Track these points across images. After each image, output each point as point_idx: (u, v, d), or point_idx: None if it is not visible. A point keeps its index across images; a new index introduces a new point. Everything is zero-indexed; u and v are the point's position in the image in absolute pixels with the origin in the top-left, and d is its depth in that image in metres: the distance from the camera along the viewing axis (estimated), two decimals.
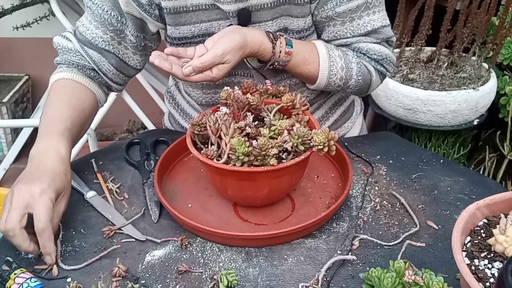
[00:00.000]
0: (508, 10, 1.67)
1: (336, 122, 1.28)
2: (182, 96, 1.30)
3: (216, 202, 1.00)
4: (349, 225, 0.95)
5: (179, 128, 1.32)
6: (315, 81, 1.10)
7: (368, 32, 1.09)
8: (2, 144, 2.56)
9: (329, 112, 1.26)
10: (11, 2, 2.38)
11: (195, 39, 1.09)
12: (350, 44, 1.11)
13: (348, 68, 1.09)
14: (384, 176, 1.07)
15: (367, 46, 1.10)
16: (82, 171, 1.11)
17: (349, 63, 1.09)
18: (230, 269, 0.86)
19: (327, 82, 1.10)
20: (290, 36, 1.08)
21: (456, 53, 1.81)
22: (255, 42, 1.00)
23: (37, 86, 2.75)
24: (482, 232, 0.76)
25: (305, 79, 1.12)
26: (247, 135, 0.93)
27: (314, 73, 1.08)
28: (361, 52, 1.11)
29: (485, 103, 1.71)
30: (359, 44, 1.10)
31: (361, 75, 1.10)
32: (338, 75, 1.08)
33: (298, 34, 1.09)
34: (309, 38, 1.12)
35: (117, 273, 0.83)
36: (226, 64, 0.97)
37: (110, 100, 2.13)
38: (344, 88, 1.12)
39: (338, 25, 1.08)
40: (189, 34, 1.09)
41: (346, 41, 1.10)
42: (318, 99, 1.22)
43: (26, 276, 0.82)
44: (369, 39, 1.10)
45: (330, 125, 1.26)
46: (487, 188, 1.03)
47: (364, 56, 1.11)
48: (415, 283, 0.71)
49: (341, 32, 1.09)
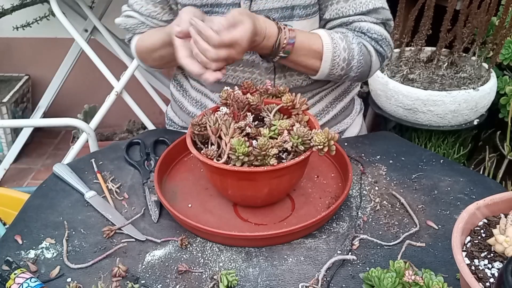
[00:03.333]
0: (508, 10, 1.67)
1: (335, 117, 1.28)
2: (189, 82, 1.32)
3: (216, 202, 1.00)
4: (349, 225, 0.95)
5: (183, 116, 1.32)
6: (318, 68, 1.10)
7: (369, 10, 1.11)
8: (2, 144, 2.56)
9: (329, 106, 1.26)
10: (11, 2, 2.38)
11: (204, 8, 1.12)
12: (352, 23, 1.13)
13: (349, 49, 1.10)
14: (384, 176, 1.07)
15: (367, 25, 1.13)
16: (82, 171, 1.11)
17: (350, 44, 1.11)
18: (230, 269, 0.86)
19: (331, 65, 1.10)
20: (297, 12, 1.10)
21: (456, 53, 1.81)
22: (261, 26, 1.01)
23: (37, 86, 2.75)
24: (482, 232, 0.76)
25: (309, 66, 1.12)
26: (247, 135, 0.93)
27: (318, 57, 1.09)
28: (361, 31, 1.13)
29: (485, 103, 1.71)
30: (360, 23, 1.13)
31: (362, 55, 1.12)
32: (341, 56, 1.10)
33: (305, 10, 1.11)
34: (314, 16, 1.13)
35: (117, 273, 0.83)
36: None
37: (110, 100, 2.14)
38: (347, 71, 1.12)
39: (342, 2, 1.11)
40: (198, 2, 1.12)
41: (348, 19, 1.13)
42: (319, 88, 1.23)
43: (26, 276, 0.82)
44: (370, 18, 1.13)
45: (330, 119, 1.27)
46: (487, 188, 1.03)
47: (364, 35, 1.13)
48: (415, 283, 0.71)
49: (344, 9, 1.12)
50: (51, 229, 0.96)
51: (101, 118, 2.14)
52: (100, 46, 2.40)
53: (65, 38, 2.37)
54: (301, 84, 1.18)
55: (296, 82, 1.18)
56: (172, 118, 1.38)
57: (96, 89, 2.47)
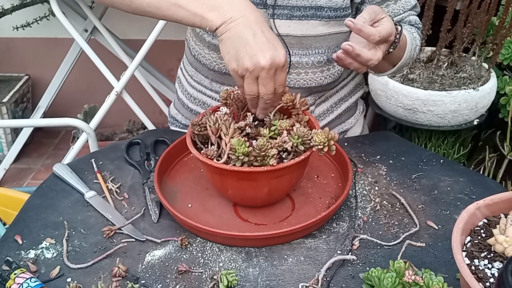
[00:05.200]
0: (508, 10, 1.67)
1: (339, 116, 1.28)
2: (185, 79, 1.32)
3: (216, 202, 1.00)
4: (349, 225, 0.95)
5: (186, 114, 1.32)
6: (399, 60, 1.12)
7: (413, 6, 1.18)
8: (2, 144, 2.56)
9: (334, 106, 1.27)
10: (11, 2, 2.38)
11: None
12: (402, 20, 1.17)
13: (415, 38, 1.15)
14: (384, 176, 1.07)
15: (414, 18, 1.19)
16: (82, 171, 1.11)
17: (411, 33, 1.15)
18: (230, 269, 0.86)
19: (409, 56, 1.13)
20: (325, 14, 1.10)
21: (456, 53, 1.81)
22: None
23: (37, 86, 2.75)
24: (482, 232, 0.76)
25: (395, 60, 1.14)
26: (247, 135, 0.93)
27: (403, 48, 1.11)
28: (410, 24, 1.19)
29: (485, 103, 1.71)
30: (409, 17, 1.18)
31: (419, 43, 1.18)
32: (413, 45, 1.14)
33: (335, 12, 1.10)
34: (344, 18, 1.12)
35: (117, 273, 0.83)
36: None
37: (110, 100, 2.14)
38: (411, 60, 1.17)
39: (392, 5, 1.16)
40: None
41: (401, 17, 1.17)
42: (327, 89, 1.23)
43: (26, 276, 0.82)
44: (413, 12, 1.20)
45: (334, 118, 1.27)
46: (487, 188, 1.03)
47: (413, 27, 1.18)
48: (415, 283, 0.71)
49: (395, 10, 1.16)
50: (51, 229, 0.96)
51: (101, 118, 2.14)
52: (100, 46, 2.40)
53: (65, 38, 2.37)
54: (312, 84, 1.17)
55: (308, 81, 1.16)
56: (174, 116, 1.38)
57: (96, 89, 2.47)
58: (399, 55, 1.11)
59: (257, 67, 0.86)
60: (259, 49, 0.87)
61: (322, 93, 1.23)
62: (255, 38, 0.88)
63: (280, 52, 0.88)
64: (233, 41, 0.88)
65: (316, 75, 1.16)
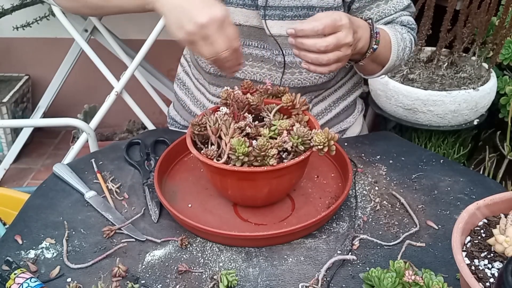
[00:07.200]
0: (508, 10, 1.67)
1: (338, 115, 1.29)
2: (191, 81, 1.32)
3: (216, 202, 1.00)
4: (349, 225, 0.95)
5: (186, 115, 1.32)
6: (387, 61, 1.12)
7: (405, 6, 1.17)
8: (2, 144, 2.56)
9: (332, 105, 1.27)
10: (11, 2, 2.38)
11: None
12: (393, 20, 1.17)
13: (404, 39, 1.14)
14: (384, 176, 1.07)
15: (407, 18, 1.18)
16: (82, 171, 1.11)
17: (402, 34, 1.14)
18: (230, 269, 0.86)
19: (397, 56, 1.13)
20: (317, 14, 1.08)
21: (456, 53, 1.81)
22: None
23: (37, 86, 2.75)
24: (482, 232, 0.76)
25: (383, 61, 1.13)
26: (247, 135, 0.93)
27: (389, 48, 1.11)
28: (402, 24, 1.18)
29: (485, 103, 1.71)
30: (401, 17, 1.18)
31: (410, 44, 1.17)
32: (402, 46, 1.13)
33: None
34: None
35: (117, 273, 0.83)
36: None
37: (110, 100, 2.14)
38: (401, 61, 1.17)
39: (382, 5, 1.15)
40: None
41: (392, 18, 1.17)
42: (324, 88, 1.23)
43: (26, 276, 0.82)
44: (406, 12, 1.19)
45: (332, 117, 1.28)
46: (487, 188, 1.03)
47: (405, 27, 1.18)
48: (415, 283, 0.71)
49: (386, 10, 1.16)
50: (51, 229, 0.96)
51: (101, 118, 2.14)
52: (100, 46, 2.40)
53: (65, 38, 2.37)
54: (307, 84, 1.18)
55: (302, 80, 1.17)
56: (174, 117, 1.38)
57: (96, 89, 2.47)
58: (385, 55, 1.11)
59: (198, 27, 0.88)
60: (196, 10, 0.88)
61: (318, 92, 1.23)
62: (190, 2, 0.90)
63: (216, 7, 0.89)
64: (171, 13, 0.91)
65: (310, 75, 1.16)
